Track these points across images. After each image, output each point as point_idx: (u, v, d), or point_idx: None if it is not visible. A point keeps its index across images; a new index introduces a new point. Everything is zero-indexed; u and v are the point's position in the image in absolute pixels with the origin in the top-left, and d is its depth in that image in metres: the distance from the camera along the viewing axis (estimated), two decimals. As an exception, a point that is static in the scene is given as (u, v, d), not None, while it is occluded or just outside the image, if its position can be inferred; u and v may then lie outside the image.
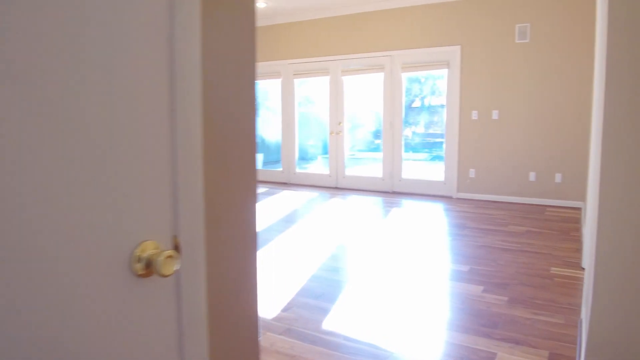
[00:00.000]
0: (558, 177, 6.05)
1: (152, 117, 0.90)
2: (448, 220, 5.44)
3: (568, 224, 5.10)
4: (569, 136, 5.92)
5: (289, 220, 5.53)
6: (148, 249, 0.88)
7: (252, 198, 1.38)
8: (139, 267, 0.86)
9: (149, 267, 0.88)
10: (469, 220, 5.35)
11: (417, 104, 7.43)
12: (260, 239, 4.70)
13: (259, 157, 9.22)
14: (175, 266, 0.88)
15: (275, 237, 4.75)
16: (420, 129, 7.43)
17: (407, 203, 6.47)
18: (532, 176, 6.20)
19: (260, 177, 8.66)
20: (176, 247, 0.97)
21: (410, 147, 7.46)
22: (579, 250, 4.13)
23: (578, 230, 4.84)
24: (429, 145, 7.37)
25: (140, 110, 0.87)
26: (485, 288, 3.31)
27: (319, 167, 8.29)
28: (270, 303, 3.12)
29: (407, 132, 7.52)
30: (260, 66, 8.34)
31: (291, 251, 4.28)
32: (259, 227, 5.30)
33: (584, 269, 3.66)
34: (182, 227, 0.98)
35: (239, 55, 1.31)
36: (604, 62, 1.76)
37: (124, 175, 0.84)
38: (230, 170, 1.29)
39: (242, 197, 1.34)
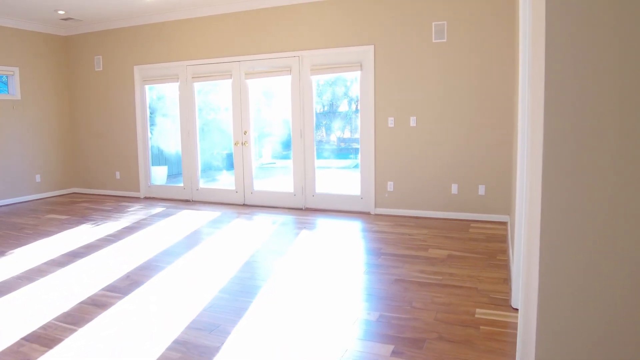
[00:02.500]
0: (481, 189, 5.53)
1: None
2: (363, 245, 4.72)
3: (494, 244, 4.54)
4: (491, 143, 5.42)
5: (174, 251, 4.57)
6: None
7: None
8: None
9: None
10: (386, 244, 4.65)
11: (343, 108, 6.73)
12: (130, 280, 3.72)
13: (163, 170, 8.10)
14: None
15: (150, 278, 3.78)
16: (347, 134, 6.76)
17: (321, 222, 5.70)
18: (454, 188, 5.65)
19: (159, 194, 7.58)
20: None
21: (332, 154, 6.74)
22: (506, 281, 3.52)
23: (505, 252, 4.28)
24: (353, 151, 6.69)
25: None
26: (396, 348, 2.56)
27: (226, 182, 7.35)
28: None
29: (333, 137, 6.81)
30: (155, 68, 7.29)
31: (164, 298, 3.34)
32: (137, 262, 4.31)
33: (515, 309, 3.03)
34: None
35: None
36: (543, 62, 1.49)
37: None
38: None
39: None
